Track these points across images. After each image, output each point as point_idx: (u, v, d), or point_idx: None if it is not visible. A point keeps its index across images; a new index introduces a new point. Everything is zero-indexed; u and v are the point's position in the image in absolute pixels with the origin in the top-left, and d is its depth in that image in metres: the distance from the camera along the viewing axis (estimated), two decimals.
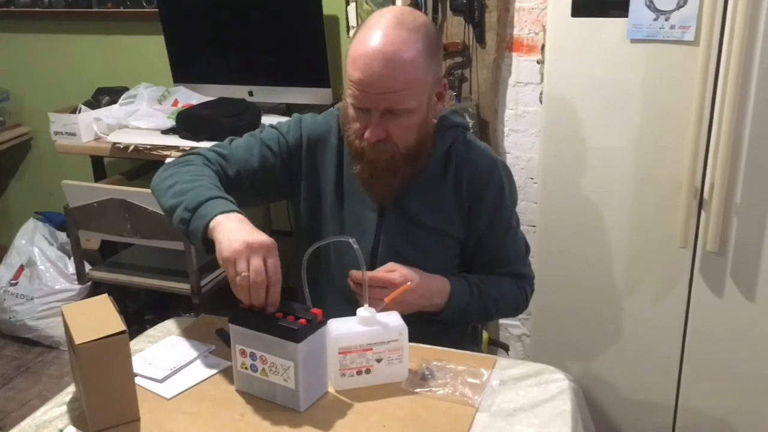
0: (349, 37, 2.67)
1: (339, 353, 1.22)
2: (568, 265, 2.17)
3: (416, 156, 1.41)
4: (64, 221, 3.30)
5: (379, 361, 1.24)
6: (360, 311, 1.24)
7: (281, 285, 1.19)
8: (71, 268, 3.00)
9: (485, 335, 2.55)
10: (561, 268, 2.17)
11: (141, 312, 3.11)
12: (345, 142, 1.46)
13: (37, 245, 3.05)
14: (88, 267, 2.67)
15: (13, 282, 3.04)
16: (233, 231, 1.20)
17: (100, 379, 1.12)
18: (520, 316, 2.57)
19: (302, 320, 1.16)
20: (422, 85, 1.34)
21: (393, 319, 1.25)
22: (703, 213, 1.96)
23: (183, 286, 2.46)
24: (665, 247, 2.03)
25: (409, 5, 2.38)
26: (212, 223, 1.24)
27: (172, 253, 2.42)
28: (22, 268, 3.06)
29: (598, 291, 2.16)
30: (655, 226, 2.03)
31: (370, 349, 1.23)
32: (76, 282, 2.94)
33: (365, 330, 1.23)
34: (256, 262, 1.16)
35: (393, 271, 1.37)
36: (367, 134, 1.35)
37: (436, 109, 1.43)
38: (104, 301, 1.22)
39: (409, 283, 1.34)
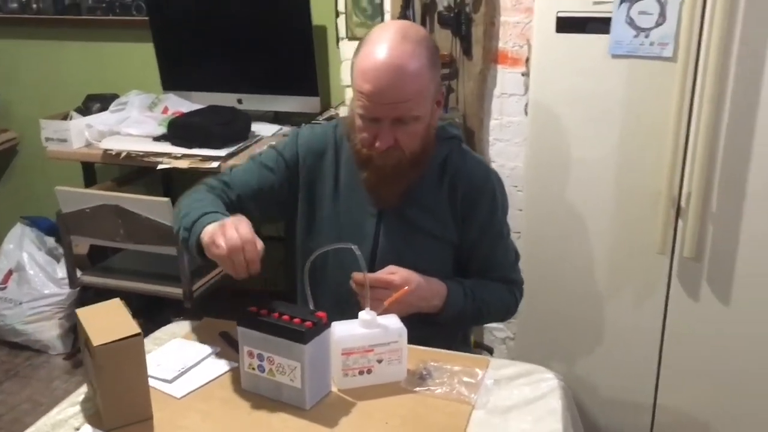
0: (338, 47, 2.73)
1: (342, 354, 1.29)
2: (551, 271, 2.25)
3: (420, 160, 1.49)
4: (52, 226, 3.34)
5: (379, 361, 1.31)
6: (362, 314, 1.31)
7: (259, 249, 1.28)
8: (60, 273, 3.02)
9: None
10: (545, 273, 2.25)
11: (133, 316, 3.13)
12: (343, 153, 1.54)
13: (26, 250, 3.07)
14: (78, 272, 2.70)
15: (1, 287, 3.05)
16: (213, 225, 1.33)
17: (115, 379, 1.18)
18: None
19: (308, 323, 1.22)
20: (427, 94, 1.43)
21: (393, 322, 1.32)
22: (680, 221, 2.05)
23: (175, 291, 2.50)
24: (644, 253, 2.12)
25: (398, 18, 2.45)
26: (203, 233, 1.34)
27: (162, 257, 2.46)
28: (10, 272, 3.08)
29: (580, 296, 2.24)
30: (635, 233, 2.12)
31: (372, 351, 1.30)
32: (65, 287, 2.97)
33: (367, 332, 1.30)
34: (230, 232, 1.27)
35: (393, 273, 1.44)
36: (378, 143, 1.42)
37: (436, 115, 1.52)
38: (117, 304, 1.27)
39: (407, 287, 1.40)
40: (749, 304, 2.06)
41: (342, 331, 1.30)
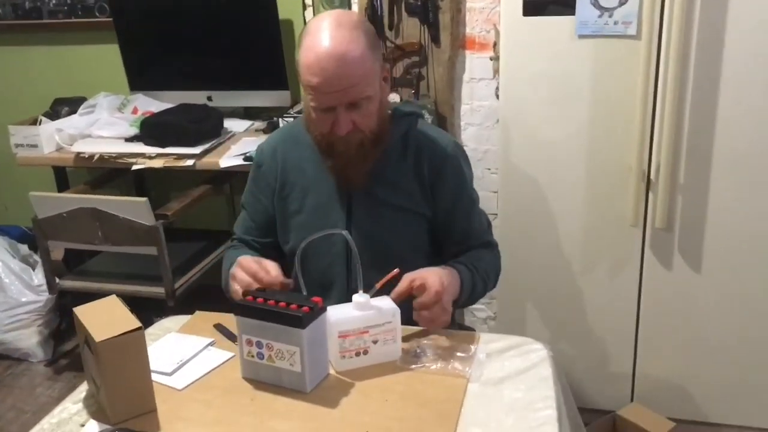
0: None
1: (338, 337, 1.32)
2: (529, 249, 2.31)
3: (380, 137, 1.53)
4: (23, 233, 3.32)
5: (375, 342, 1.34)
6: (355, 297, 1.34)
7: (273, 275, 1.43)
8: (36, 280, 3.00)
9: None
10: (523, 252, 2.31)
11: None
12: (305, 147, 1.59)
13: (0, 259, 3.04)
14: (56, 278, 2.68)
15: None
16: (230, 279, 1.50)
17: (119, 373, 1.20)
18: (484, 301, 2.69)
19: (305, 308, 1.25)
20: (373, 74, 1.47)
21: (385, 303, 1.36)
22: (650, 193, 2.13)
23: (157, 290, 2.50)
24: (618, 226, 2.19)
25: (366, 9, 2.49)
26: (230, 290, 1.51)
27: (141, 258, 2.46)
28: None
29: (558, 272, 2.31)
30: (608, 207, 2.19)
31: (367, 332, 1.33)
32: (42, 293, 2.95)
33: (361, 314, 1.33)
34: (239, 275, 1.44)
35: (414, 279, 1.43)
36: (338, 130, 1.47)
37: (386, 92, 1.56)
38: (114, 301, 1.28)
39: (397, 269, 1.43)
40: (719, 270, 2.15)
41: (337, 314, 1.33)
